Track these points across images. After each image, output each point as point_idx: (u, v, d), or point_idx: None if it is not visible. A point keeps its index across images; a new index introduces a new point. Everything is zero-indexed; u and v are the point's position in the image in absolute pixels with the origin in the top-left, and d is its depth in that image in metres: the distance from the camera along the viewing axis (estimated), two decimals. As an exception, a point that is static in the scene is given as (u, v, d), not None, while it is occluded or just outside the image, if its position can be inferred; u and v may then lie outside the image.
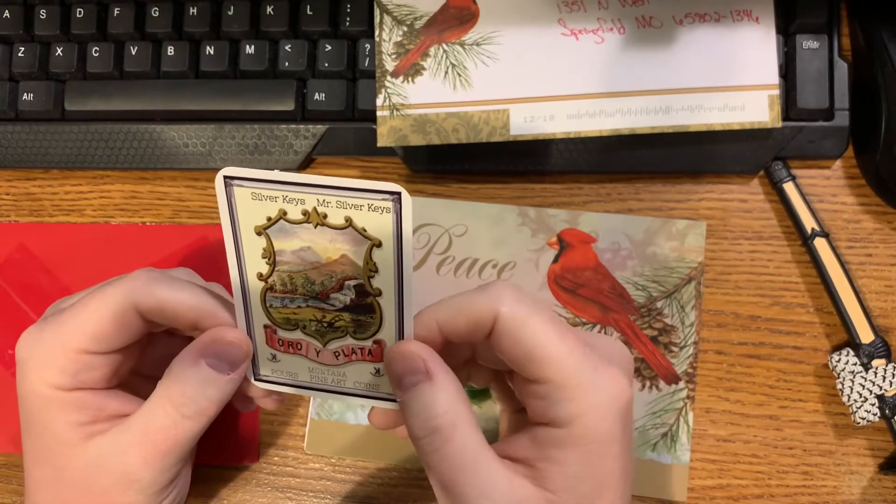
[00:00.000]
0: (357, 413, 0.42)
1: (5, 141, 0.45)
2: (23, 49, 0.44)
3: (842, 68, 0.40)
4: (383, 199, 0.27)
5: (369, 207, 0.27)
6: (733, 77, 0.39)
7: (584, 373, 0.28)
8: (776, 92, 0.39)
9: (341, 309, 0.30)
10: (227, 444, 0.42)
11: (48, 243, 0.45)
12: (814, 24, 0.40)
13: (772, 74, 0.39)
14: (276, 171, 0.28)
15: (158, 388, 0.31)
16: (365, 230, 0.28)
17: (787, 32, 0.41)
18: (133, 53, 0.44)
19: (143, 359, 0.34)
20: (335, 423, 0.42)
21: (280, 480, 0.42)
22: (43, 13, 0.44)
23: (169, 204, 0.45)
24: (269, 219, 0.29)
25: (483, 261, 0.42)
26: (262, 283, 0.30)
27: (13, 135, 0.44)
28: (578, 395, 0.28)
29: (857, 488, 0.40)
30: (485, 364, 0.32)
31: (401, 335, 0.30)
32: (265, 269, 0.30)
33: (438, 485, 0.29)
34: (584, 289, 0.42)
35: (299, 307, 0.30)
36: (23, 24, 0.44)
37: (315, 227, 0.28)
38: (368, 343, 0.30)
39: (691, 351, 0.41)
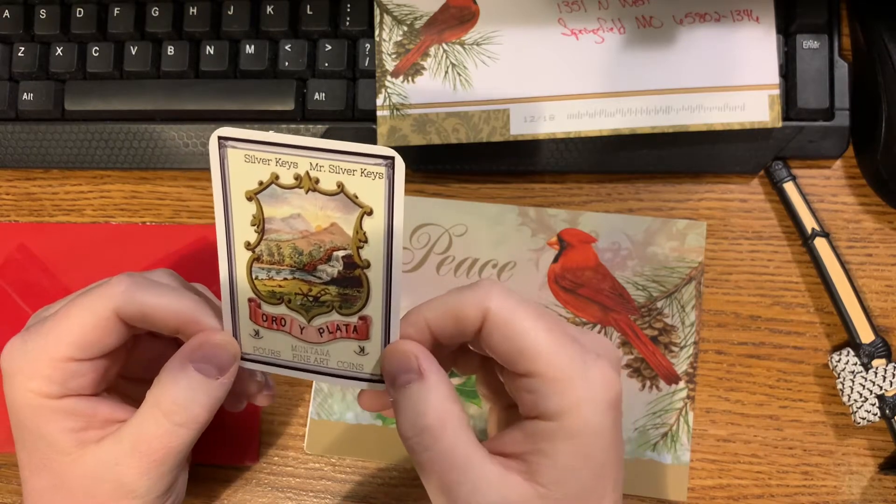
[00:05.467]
0: (357, 413, 0.42)
1: (5, 141, 0.45)
2: (23, 49, 0.44)
3: (842, 68, 0.40)
4: (376, 164, 0.27)
5: (362, 172, 0.27)
6: (733, 77, 0.39)
7: (575, 366, 0.28)
8: (776, 92, 0.39)
9: (328, 282, 0.30)
10: (227, 444, 0.42)
11: (48, 243, 0.45)
12: (814, 24, 0.40)
13: (772, 74, 0.39)
14: (270, 131, 0.28)
15: (148, 396, 0.30)
16: (356, 197, 0.28)
17: (787, 32, 0.41)
18: (133, 53, 0.44)
19: (129, 362, 0.34)
20: (335, 423, 0.42)
21: (280, 480, 0.42)
22: (43, 13, 0.44)
23: (169, 204, 0.45)
24: (260, 183, 0.28)
25: (483, 261, 0.42)
26: (250, 253, 0.30)
27: (13, 135, 0.44)
28: (568, 388, 0.28)
29: (857, 488, 0.40)
30: (477, 350, 0.32)
31: (387, 311, 0.30)
32: (253, 238, 0.29)
33: (430, 485, 0.29)
34: (584, 289, 0.42)
35: (285, 279, 0.30)
36: (23, 24, 0.44)
37: (306, 193, 0.28)
38: (354, 319, 0.30)
39: (691, 351, 0.41)
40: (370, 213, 0.28)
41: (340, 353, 0.31)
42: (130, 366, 0.34)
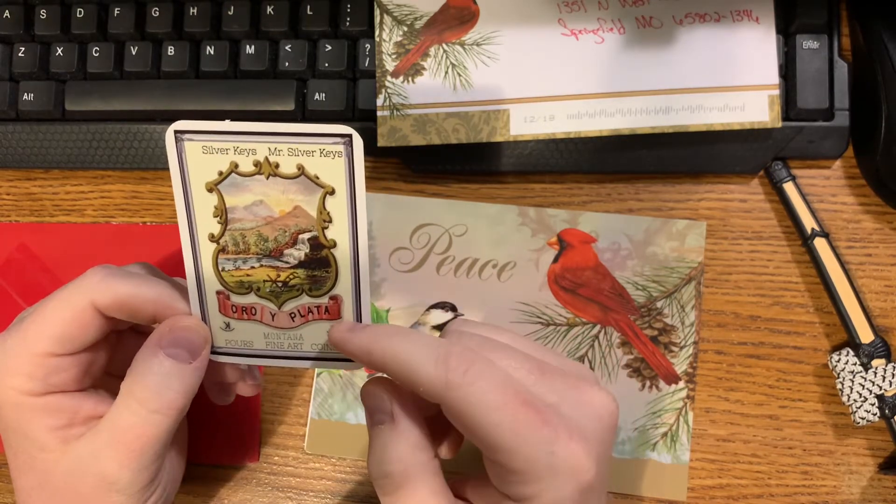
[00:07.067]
0: (357, 413, 0.42)
1: (5, 141, 0.45)
2: (23, 49, 0.44)
3: (842, 68, 0.40)
4: (334, 143, 0.27)
5: (321, 153, 0.27)
6: (733, 77, 0.39)
7: (539, 457, 0.26)
8: (776, 92, 0.39)
9: (296, 266, 0.30)
10: (227, 444, 0.42)
11: (49, 243, 0.45)
12: (814, 24, 0.40)
13: (772, 74, 0.39)
14: (226, 121, 0.28)
15: (123, 386, 0.30)
16: (317, 177, 0.28)
17: (787, 32, 0.41)
18: (133, 53, 0.44)
19: (114, 358, 0.34)
20: (335, 423, 0.42)
21: (280, 480, 0.42)
22: (43, 13, 0.44)
23: (169, 204, 0.45)
24: (220, 173, 0.28)
25: (483, 261, 0.42)
26: (214, 245, 0.30)
27: (13, 135, 0.45)
28: (532, 480, 0.26)
29: (857, 488, 0.40)
30: None
31: (357, 288, 0.30)
32: (217, 230, 0.29)
33: None
34: (584, 289, 0.42)
35: (252, 268, 0.30)
36: (23, 24, 0.44)
37: (267, 179, 0.28)
38: (324, 300, 0.30)
39: (691, 351, 0.41)
40: (332, 192, 0.28)
41: (314, 336, 0.31)
42: (117, 362, 0.34)
